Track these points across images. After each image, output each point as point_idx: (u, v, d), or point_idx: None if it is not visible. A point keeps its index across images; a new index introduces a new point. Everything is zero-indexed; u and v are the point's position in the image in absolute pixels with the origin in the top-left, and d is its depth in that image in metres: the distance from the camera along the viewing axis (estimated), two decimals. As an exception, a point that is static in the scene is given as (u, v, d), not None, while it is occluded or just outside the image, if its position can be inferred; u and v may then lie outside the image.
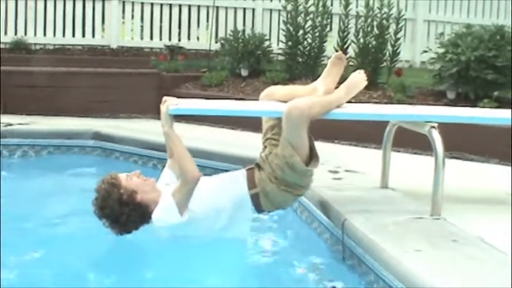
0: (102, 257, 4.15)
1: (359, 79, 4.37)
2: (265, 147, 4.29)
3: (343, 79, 4.41)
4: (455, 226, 3.98)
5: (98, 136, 7.02)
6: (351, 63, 8.60)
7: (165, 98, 4.17)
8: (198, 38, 11.30)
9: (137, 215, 4.01)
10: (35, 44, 10.66)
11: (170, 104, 4.08)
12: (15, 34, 10.53)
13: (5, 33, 10.56)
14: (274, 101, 4.37)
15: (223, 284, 3.84)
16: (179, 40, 10.98)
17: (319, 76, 4.64)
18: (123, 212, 3.98)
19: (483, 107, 6.69)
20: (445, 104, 7.24)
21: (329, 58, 4.70)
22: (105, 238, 4.09)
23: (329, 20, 9.26)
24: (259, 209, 4.17)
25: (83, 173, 6.41)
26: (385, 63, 8.67)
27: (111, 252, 4.13)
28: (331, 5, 9.38)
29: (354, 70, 7.63)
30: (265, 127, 4.38)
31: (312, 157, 4.12)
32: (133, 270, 3.95)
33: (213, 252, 4.09)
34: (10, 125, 7.19)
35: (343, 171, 5.48)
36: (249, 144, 4.61)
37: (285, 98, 4.22)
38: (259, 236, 4.53)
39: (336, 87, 4.41)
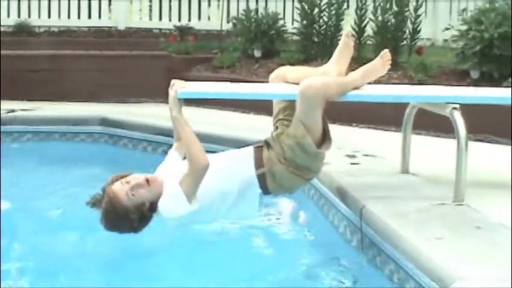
0: (105, 248, 4.16)
1: (380, 66, 4.34)
2: (277, 127, 4.26)
3: (359, 59, 4.37)
4: (479, 212, 3.96)
5: (105, 122, 7.04)
6: (369, 42, 8.58)
7: (173, 81, 4.16)
8: (209, 18, 11.28)
9: (149, 218, 3.97)
10: (39, 26, 10.70)
11: (178, 88, 4.07)
12: (19, 16, 10.56)
13: (8, 15, 10.59)
14: (285, 82, 4.35)
15: (235, 274, 3.85)
16: (189, 20, 10.95)
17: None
18: (135, 226, 3.93)
19: (507, 87, 6.64)
20: (469, 84, 7.19)
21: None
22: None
23: (346, -3, 9.21)
24: (265, 191, 4.10)
25: (90, 161, 6.43)
26: (405, 42, 8.60)
27: (114, 243, 4.12)
28: (348, -19, 9.32)
29: (374, 50, 7.65)
30: (276, 108, 4.34)
31: (325, 139, 4.09)
32: (139, 261, 3.97)
33: (223, 240, 4.09)
34: (13, 111, 7.22)
35: (361, 156, 5.47)
36: (262, 128, 4.60)
37: (297, 80, 4.18)
38: (273, 224, 4.53)
39: (353, 70, 4.38)
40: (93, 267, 3.94)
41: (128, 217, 3.88)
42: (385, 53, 4.40)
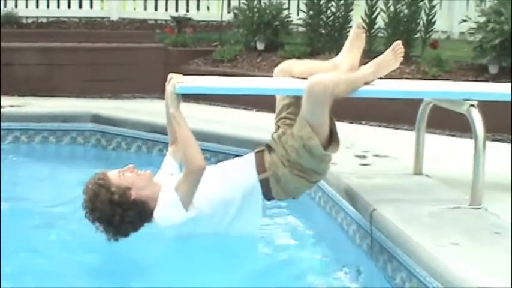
0: (98, 254, 4.17)
1: (392, 59, 4.32)
2: (278, 127, 4.27)
3: (369, 53, 4.37)
4: (498, 217, 3.96)
5: (97, 119, 7.02)
6: (380, 34, 8.58)
7: (170, 75, 4.16)
8: (208, 8, 11.27)
9: (133, 214, 3.96)
10: (27, 17, 10.68)
11: (176, 82, 4.07)
12: (5, 6, 10.54)
13: (-7, 5, 10.60)
14: (291, 77, 4.36)
15: (241, 280, 3.88)
16: (187, 11, 10.95)
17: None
18: (116, 213, 3.92)
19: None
20: (487, 80, 7.19)
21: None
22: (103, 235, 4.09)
23: (355, -14, 9.21)
24: (269, 196, 4.14)
25: (81, 160, 6.44)
26: (418, 34, 8.61)
27: (108, 248, 4.13)
28: (358, -32, 9.32)
29: (385, 43, 7.65)
30: (280, 105, 4.35)
31: (332, 140, 4.10)
32: (134, 268, 3.99)
33: (230, 246, 4.10)
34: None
35: (372, 156, 5.47)
36: (265, 126, 4.61)
37: (304, 75, 4.19)
38: (278, 229, 4.54)
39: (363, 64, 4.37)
40: (82, 270, 3.97)
41: (110, 199, 3.91)
42: (397, 45, 4.38)
